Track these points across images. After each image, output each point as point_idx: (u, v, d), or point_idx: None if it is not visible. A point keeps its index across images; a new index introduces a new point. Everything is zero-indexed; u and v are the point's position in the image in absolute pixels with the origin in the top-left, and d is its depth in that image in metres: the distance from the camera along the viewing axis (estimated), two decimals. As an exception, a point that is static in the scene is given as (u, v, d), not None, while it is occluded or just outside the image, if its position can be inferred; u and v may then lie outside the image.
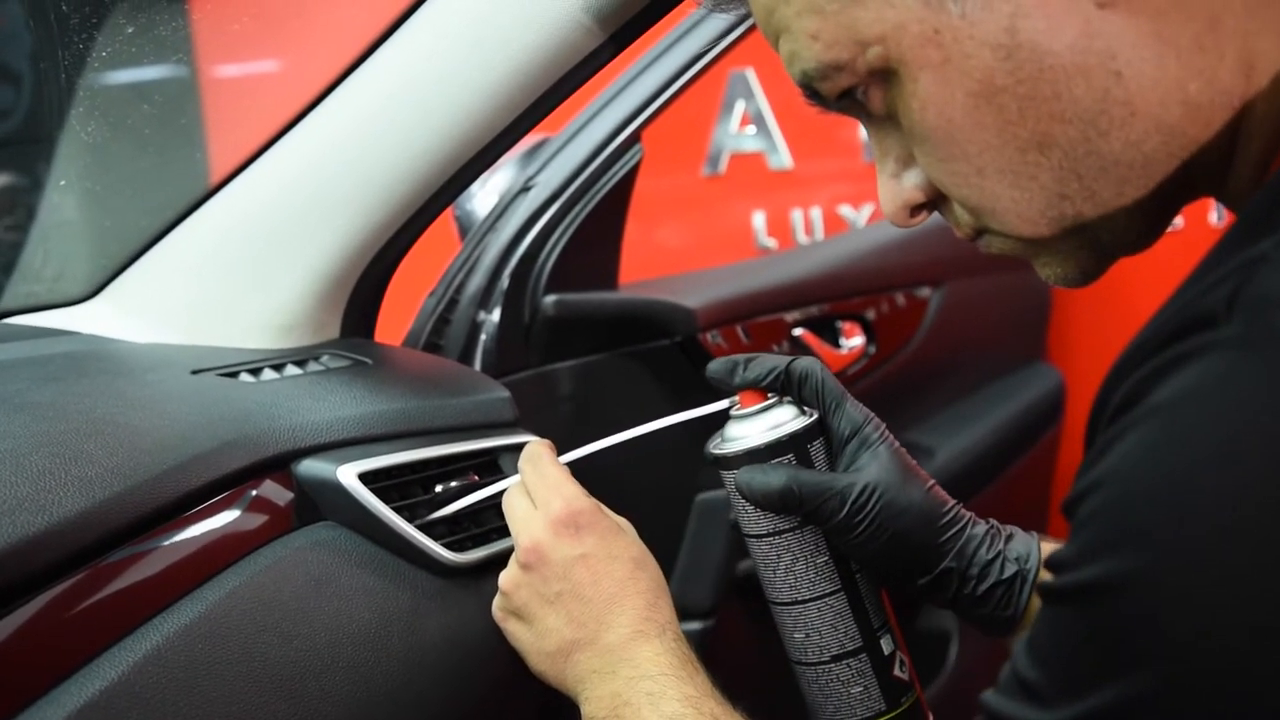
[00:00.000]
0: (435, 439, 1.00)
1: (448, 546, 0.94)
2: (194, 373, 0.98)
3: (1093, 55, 0.54)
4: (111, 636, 0.74)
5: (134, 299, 1.12)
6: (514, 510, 0.90)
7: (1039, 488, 2.10)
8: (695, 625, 1.41)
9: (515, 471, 1.03)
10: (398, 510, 0.92)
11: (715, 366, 0.84)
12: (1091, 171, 0.57)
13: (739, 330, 1.54)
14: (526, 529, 0.88)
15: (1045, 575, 0.56)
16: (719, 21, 1.42)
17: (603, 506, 0.90)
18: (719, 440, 0.82)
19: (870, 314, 1.75)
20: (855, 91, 0.60)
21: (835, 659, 0.78)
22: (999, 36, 0.54)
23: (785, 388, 0.82)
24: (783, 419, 0.78)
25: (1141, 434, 0.49)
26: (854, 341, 1.75)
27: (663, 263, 2.31)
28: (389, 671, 0.88)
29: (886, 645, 0.80)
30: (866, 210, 2.40)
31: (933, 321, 1.85)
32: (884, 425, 0.82)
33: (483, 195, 1.46)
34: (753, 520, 0.79)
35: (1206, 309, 0.49)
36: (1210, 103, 0.55)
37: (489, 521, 0.99)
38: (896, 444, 0.82)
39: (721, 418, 0.83)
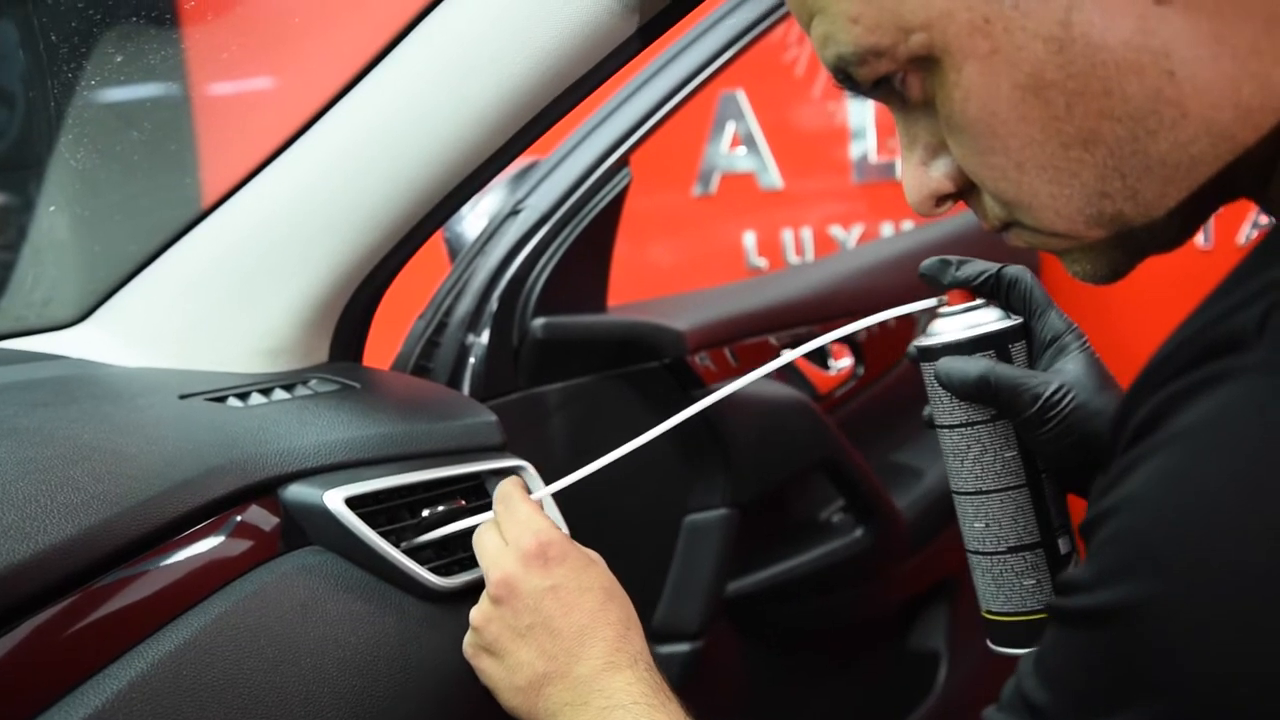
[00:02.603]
0: (422, 463, 1.00)
1: (435, 571, 0.94)
2: (182, 397, 0.98)
3: (1147, 53, 0.52)
4: (97, 663, 0.74)
5: (122, 323, 1.12)
6: (484, 546, 0.91)
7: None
8: (683, 647, 1.41)
9: (503, 495, 1.04)
10: (384, 535, 0.93)
11: (928, 264, 0.83)
12: (1136, 171, 0.55)
13: (727, 352, 1.54)
14: (496, 563, 0.89)
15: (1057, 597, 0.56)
16: (707, 45, 1.43)
17: (573, 540, 0.91)
18: (922, 337, 0.83)
19: (859, 335, 1.76)
20: (892, 78, 0.59)
21: (1012, 550, 0.79)
22: (1052, 29, 0.53)
23: (994, 291, 0.81)
24: (987, 318, 0.80)
25: (1164, 460, 0.48)
26: (843, 363, 1.75)
27: (655, 282, 2.31)
28: (375, 696, 0.88)
29: (1064, 545, 0.80)
30: (857, 230, 2.41)
31: (921, 342, 1.86)
32: (1085, 336, 0.80)
33: (472, 218, 1.47)
34: (947, 411, 0.80)
35: (1235, 330, 0.48)
36: (1262, 106, 0.53)
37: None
38: (1096, 355, 0.80)
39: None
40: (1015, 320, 0.80)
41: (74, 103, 1.26)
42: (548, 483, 0.98)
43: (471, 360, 1.28)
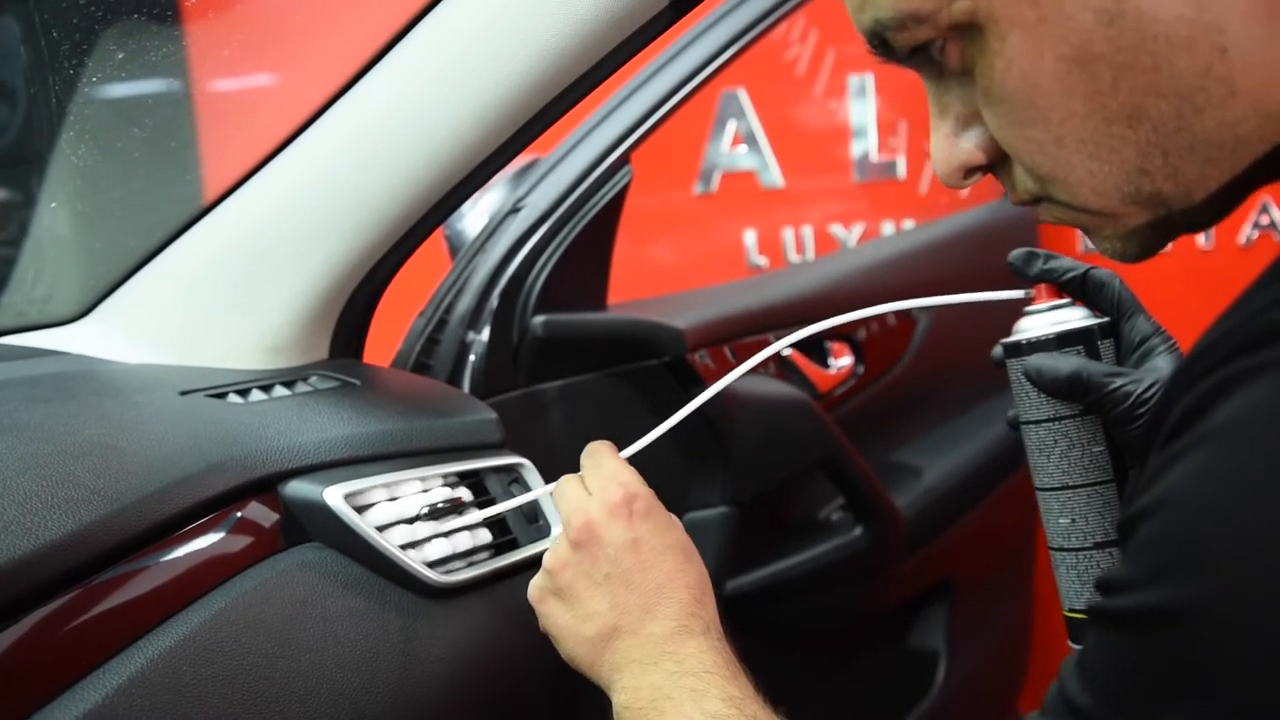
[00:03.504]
0: (422, 460, 1.00)
1: (434, 568, 0.95)
2: (182, 394, 0.99)
3: (1200, 28, 0.51)
4: (97, 659, 0.74)
5: (123, 320, 1.12)
6: (567, 494, 0.89)
7: (1028, 508, 2.09)
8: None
9: (501, 492, 1.04)
10: (384, 531, 0.93)
11: (1016, 255, 0.82)
12: (1179, 149, 0.54)
13: (727, 350, 1.54)
14: (579, 509, 0.87)
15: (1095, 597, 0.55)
16: (709, 43, 1.43)
17: (658, 499, 0.88)
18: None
19: (859, 334, 1.76)
20: (930, 46, 0.57)
21: (1098, 546, 0.78)
22: (1103, 0, 0.51)
23: (1080, 292, 0.81)
24: (1076, 315, 0.80)
25: (1204, 454, 0.48)
26: (842, 362, 1.76)
27: (655, 280, 2.31)
28: (375, 693, 0.88)
29: None
30: (857, 229, 2.41)
31: (921, 342, 1.86)
32: (1174, 339, 0.80)
33: (473, 216, 1.47)
34: (1034, 406, 0.80)
35: (1273, 322, 0.48)
36: None
37: (475, 542, 0.99)
38: (1184, 355, 0.80)
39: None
40: (1104, 318, 0.80)
41: (75, 99, 1.26)
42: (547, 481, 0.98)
43: (472, 358, 1.28)
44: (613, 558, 0.84)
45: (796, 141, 2.40)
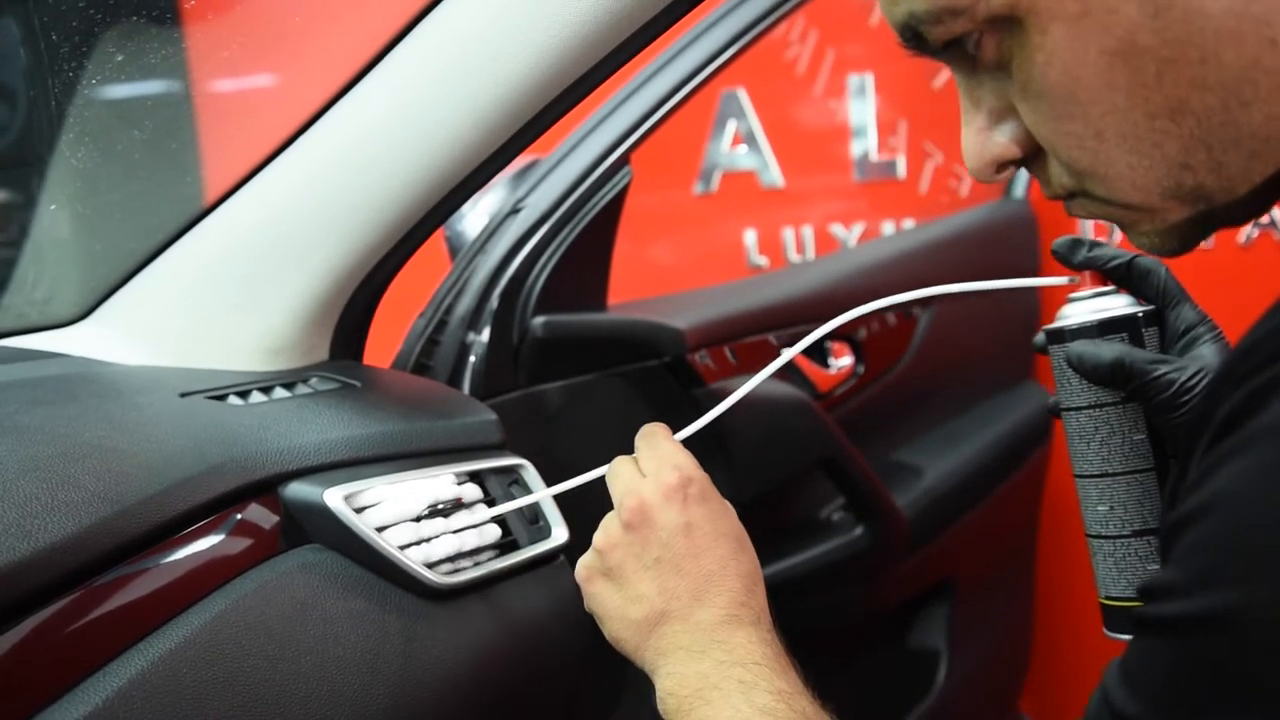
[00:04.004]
0: (423, 461, 1.00)
1: (434, 569, 0.95)
2: (183, 395, 0.99)
3: (1248, 20, 0.50)
4: (97, 661, 0.74)
5: (124, 321, 1.12)
6: (620, 475, 0.87)
7: (1028, 507, 2.10)
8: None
9: (502, 493, 1.04)
10: (384, 533, 0.93)
11: (1061, 242, 0.81)
12: (1223, 143, 0.53)
13: (727, 351, 1.54)
14: (633, 490, 0.85)
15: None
16: (709, 43, 1.43)
17: (713, 484, 0.87)
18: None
19: (860, 334, 1.76)
20: (965, 39, 0.56)
21: (1136, 534, 0.78)
22: None
23: (1126, 280, 0.79)
24: (1120, 303, 0.79)
25: (1256, 455, 0.47)
26: (843, 361, 1.76)
27: (655, 280, 2.31)
28: (375, 694, 0.88)
29: None
30: (857, 229, 2.41)
31: (922, 341, 1.86)
32: (1219, 328, 0.78)
33: (473, 216, 1.47)
34: (1076, 393, 0.79)
35: None
36: None
37: (482, 540, 0.99)
38: (1230, 345, 0.78)
39: None
40: (1149, 306, 0.79)
41: (75, 101, 1.26)
42: (551, 483, 0.98)
43: (472, 359, 1.28)
44: (664, 541, 0.83)
45: (796, 141, 2.40)
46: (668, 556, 0.82)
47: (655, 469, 0.86)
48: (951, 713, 1.81)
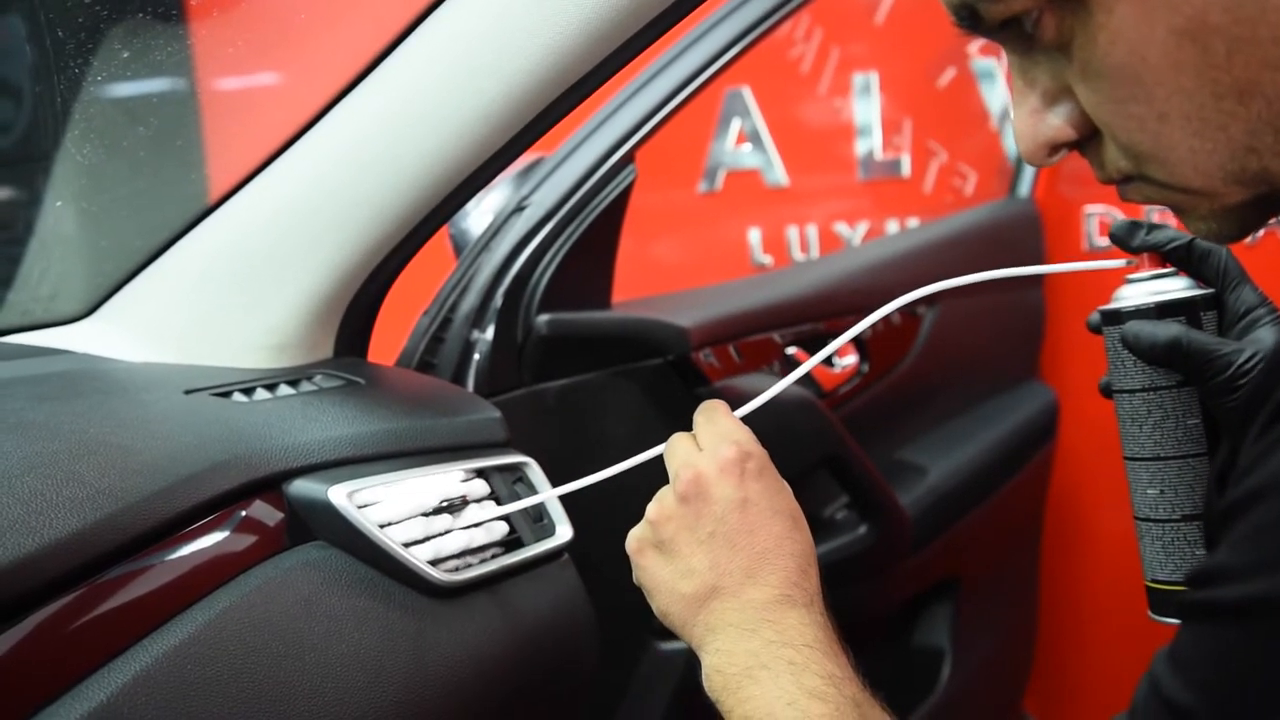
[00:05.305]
0: (427, 459, 1.00)
1: (439, 566, 0.95)
2: (187, 392, 0.99)
3: None
4: (101, 658, 0.74)
5: (129, 318, 1.12)
6: (677, 449, 0.86)
7: (1032, 506, 2.10)
8: (686, 644, 1.41)
9: (506, 491, 1.04)
10: (388, 530, 0.93)
11: (1118, 226, 0.79)
12: None
13: (731, 349, 1.54)
14: (689, 463, 0.83)
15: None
16: (713, 42, 1.43)
17: (770, 460, 0.85)
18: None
19: (864, 333, 1.76)
20: (1024, 18, 0.55)
21: (1186, 518, 0.78)
22: None
23: (1186, 262, 0.78)
24: (1178, 285, 0.78)
25: None
26: (847, 360, 1.75)
27: (659, 278, 2.31)
28: (380, 692, 0.88)
29: None
30: (862, 228, 2.41)
31: (926, 340, 1.86)
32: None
33: (478, 214, 1.47)
34: (1130, 374, 0.79)
35: None
36: None
37: (480, 541, 0.99)
38: None
39: None
40: (1207, 290, 0.78)
41: (81, 97, 1.26)
42: (557, 482, 0.98)
43: (476, 356, 1.28)
44: (719, 515, 0.81)
45: (801, 140, 2.40)
46: (722, 531, 0.81)
47: (713, 444, 0.84)
48: (955, 712, 1.80)
